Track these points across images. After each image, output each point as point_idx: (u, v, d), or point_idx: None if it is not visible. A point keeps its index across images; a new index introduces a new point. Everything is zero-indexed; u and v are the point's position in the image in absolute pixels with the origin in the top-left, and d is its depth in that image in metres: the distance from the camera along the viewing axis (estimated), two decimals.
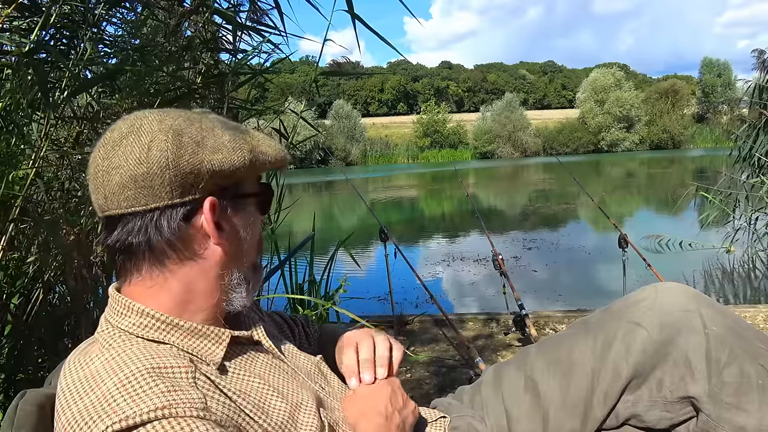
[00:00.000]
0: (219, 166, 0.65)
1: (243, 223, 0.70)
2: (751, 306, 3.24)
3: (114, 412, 0.55)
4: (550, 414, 0.86)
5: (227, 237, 0.68)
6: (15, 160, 1.50)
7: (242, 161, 0.66)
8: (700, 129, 46.14)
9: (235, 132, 0.68)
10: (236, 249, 0.70)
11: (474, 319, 3.12)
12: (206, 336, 0.68)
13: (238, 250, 0.70)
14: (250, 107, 2.63)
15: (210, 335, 0.69)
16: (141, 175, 0.62)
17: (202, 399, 0.60)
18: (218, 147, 0.65)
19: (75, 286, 1.76)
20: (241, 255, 0.71)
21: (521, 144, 42.76)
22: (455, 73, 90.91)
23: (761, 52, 6.52)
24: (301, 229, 5.69)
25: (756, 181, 5.61)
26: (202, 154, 0.64)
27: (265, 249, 3.02)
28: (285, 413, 0.68)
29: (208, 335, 0.68)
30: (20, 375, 1.66)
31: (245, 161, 0.67)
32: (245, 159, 0.67)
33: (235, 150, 0.66)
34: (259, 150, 0.69)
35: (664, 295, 0.86)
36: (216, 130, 0.67)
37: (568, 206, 11.27)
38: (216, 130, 0.67)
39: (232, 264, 0.70)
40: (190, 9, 2.04)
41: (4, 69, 1.58)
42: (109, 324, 0.68)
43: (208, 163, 0.64)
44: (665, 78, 63.63)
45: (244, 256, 0.72)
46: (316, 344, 1.01)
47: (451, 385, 2.30)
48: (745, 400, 0.76)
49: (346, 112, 47.52)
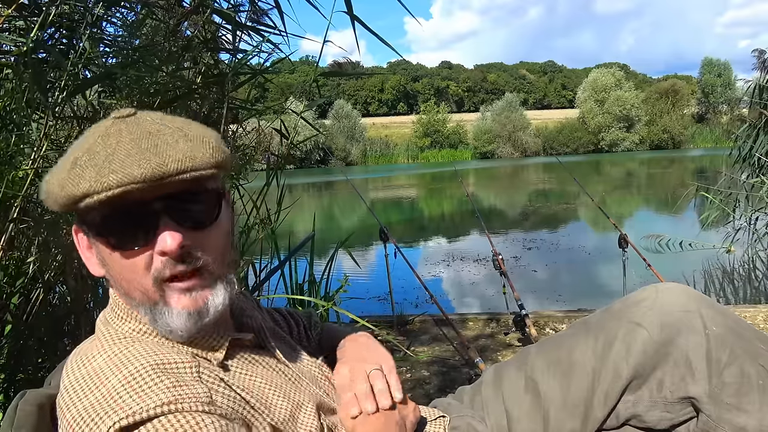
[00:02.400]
0: (54, 200, 0.62)
1: (99, 254, 0.66)
2: (751, 306, 3.24)
3: (120, 408, 0.55)
4: (551, 414, 0.86)
5: (98, 264, 0.67)
6: (15, 160, 1.50)
7: (60, 201, 0.61)
8: (700, 129, 46.11)
9: (74, 165, 0.61)
10: (110, 276, 0.66)
11: (474, 319, 3.12)
12: (206, 340, 0.68)
13: (112, 278, 0.66)
14: (250, 107, 2.63)
15: (209, 339, 0.68)
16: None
17: (208, 393, 0.60)
18: (57, 181, 0.62)
19: (75, 286, 1.76)
20: (117, 284, 0.66)
21: (521, 144, 42.73)
22: (455, 73, 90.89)
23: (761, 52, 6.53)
24: (301, 229, 5.69)
25: (756, 181, 5.61)
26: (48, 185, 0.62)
27: (265, 249, 3.03)
28: (286, 411, 0.68)
29: (207, 339, 0.68)
30: (20, 375, 1.65)
31: (59, 202, 0.61)
32: (58, 199, 0.61)
33: (61, 186, 0.61)
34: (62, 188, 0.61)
35: (665, 295, 0.86)
36: (69, 159, 0.62)
37: (568, 206, 11.27)
38: (71, 158, 0.62)
39: (119, 291, 0.67)
40: (190, 9, 2.04)
41: (3, 69, 1.58)
42: (109, 325, 0.68)
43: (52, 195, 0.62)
44: (665, 78, 63.61)
45: (119, 286, 0.66)
46: (317, 347, 1.00)
47: (451, 385, 2.30)
48: (745, 401, 0.76)
49: (346, 112, 47.47)
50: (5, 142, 1.47)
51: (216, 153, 0.64)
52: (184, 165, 0.60)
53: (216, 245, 0.66)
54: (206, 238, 0.65)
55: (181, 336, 0.65)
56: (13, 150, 1.49)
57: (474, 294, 4.96)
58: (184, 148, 0.61)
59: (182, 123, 0.66)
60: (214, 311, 0.65)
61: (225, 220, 0.69)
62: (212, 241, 0.66)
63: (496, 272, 2.84)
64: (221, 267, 0.66)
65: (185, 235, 0.62)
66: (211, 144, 0.64)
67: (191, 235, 0.63)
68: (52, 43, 1.72)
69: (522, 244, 7.07)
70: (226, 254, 0.68)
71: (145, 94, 1.85)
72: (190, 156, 0.61)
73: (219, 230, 0.67)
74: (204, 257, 0.64)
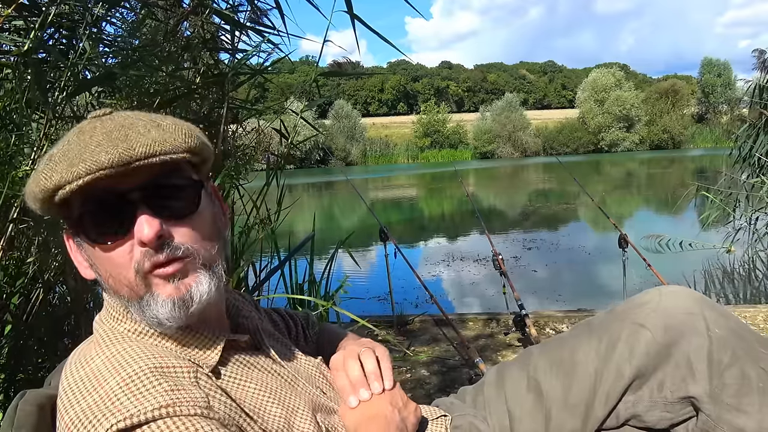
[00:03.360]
0: (33, 198, 0.62)
1: (86, 255, 0.66)
2: (751, 306, 3.24)
3: (118, 410, 0.55)
4: (552, 413, 0.86)
5: (87, 266, 0.67)
6: (15, 160, 1.50)
7: (38, 197, 0.61)
8: (700, 129, 46.12)
9: (48, 159, 0.62)
10: (99, 275, 0.66)
11: (474, 319, 3.12)
12: (200, 341, 0.68)
13: (100, 278, 0.66)
14: (250, 107, 2.63)
15: (204, 340, 0.68)
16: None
17: (205, 398, 0.60)
18: (33, 178, 0.62)
19: (75, 286, 1.76)
20: (105, 283, 0.66)
21: (521, 144, 42.73)
22: (455, 73, 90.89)
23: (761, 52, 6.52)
24: (301, 229, 5.69)
25: (756, 181, 5.61)
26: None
27: (265, 249, 3.03)
28: (281, 419, 0.67)
29: (201, 340, 0.68)
30: (20, 375, 1.65)
31: (37, 198, 0.61)
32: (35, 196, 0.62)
33: (36, 182, 0.61)
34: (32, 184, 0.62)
35: (668, 297, 0.86)
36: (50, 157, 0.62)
37: (568, 206, 11.27)
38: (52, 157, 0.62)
39: (108, 291, 0.67)
40: (189, 9, 2.04)
41: (3, 69, 1.58)
42: (106, 326, 0.68)
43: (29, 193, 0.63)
44: (665, 78, 63.58)
45: (107, 285, 0.66)
46: (314, 345, 1.00)
47: (452, 384, 2.30)
48: (745, 402, 0.76)
49: (346, 112, 47.48)
50: (5, 142, 1.47)
51: (188, 138, 0.64)
52: (153, 149, 0.60)
53: (197, 235, 0.66)
54: (186, 227, 0.65)
55: (170, 326, 0.64)
56: (13, 150, 1.49)
57: (474, 294, 4.96)
58: (155, 135, 0.61)
59: (158, 116, 0.66)
60: (198, 299, 0.64)
61: (207, 210, 0.69)
62: (193, 231, 0.65)
63: (496, 272, 2.84)
64: (205, 256, 0.66)
65: (164, 224, 0.62)
66: (183, 131, 0.64)
67: (171, 225, 0.63)
68: (52, 43, 1.72)
69: (522, 244, 7.07)
70: (210, 244, 0.67)
71: (145, 94, 1.86)
72: (160, 141, 0.61)
73: (201, 220, 0.67)
74: (184, 246, 0.64)
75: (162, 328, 0.65)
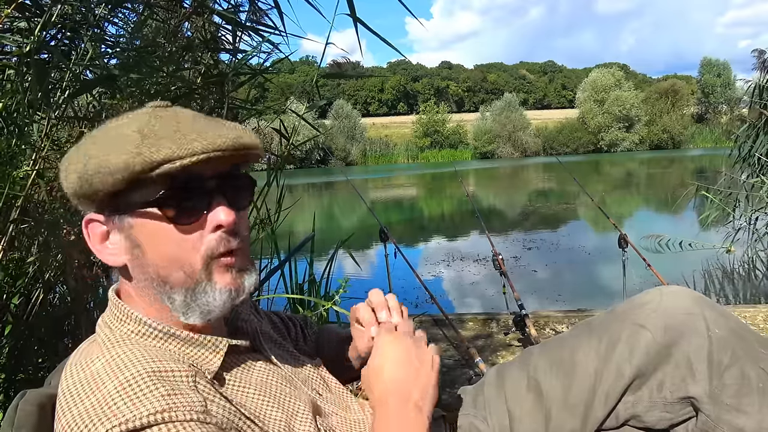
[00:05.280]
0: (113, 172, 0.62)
1: (129, 238, 0.65)
2: (751, 306, 3.24)
3: (114, 415, 0.55)
4: (552, 413, 0.86)
5: (123, 250, 0.66)
6: (16, 161, 1.50)
7: (131, 169, 0.60)
8: (700, 129, 46.14)
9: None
10: (138, 262, 0.65)
11: (474, 319, 3.12)
12: (203, 345, 0.68)
13: (138, 265, 0.65)
14: (250, 107, 2.63)
15: (207, 344, 0.68)
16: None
17: (203, 402, 0.60)
18: (122, 153, 0.62)
19: (75, 286, 1.76)
20: (144, 270, 0.65)
21: (521, 144, 42.75)
22: (455, 73, 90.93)
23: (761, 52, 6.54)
24: (301, 229, 5.69)
25: (756, 181, 5.61)
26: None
27: (265, 249, 3.03)
28: (282, 422, 0.67)
29: (205, 344, 0.68)
30: (20, 375, 1.65)
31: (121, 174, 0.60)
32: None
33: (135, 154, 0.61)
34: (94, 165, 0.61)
35: (669, 298, 0.86)
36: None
37: (568, 206, 11.27)
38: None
39: (141, 278, 0.66)
40: (191, 9, 2.04)
41: (5, 69, 1.58)
42: (109, 328, 0.68)
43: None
44: (665, 78, 63.65)
45: (145, 273, 0.65)
46: (314, 346, 1.00)
47: (451, 384, 2.30)
48: (745, 402, 0.76)
49: (346, 112, 47.52)
50: (6, 143, 1.47)
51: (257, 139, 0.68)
52: (254, 141, 0.65)
53: (247, 228, 0.69)
54: (242, 219, 0.68)
55: (213, 317, 0.66)
56: (14, 150, 1.49)
57: (474, 294, 4.96)
58: (242, 130, 0.65)
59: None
60: (246, 292, 0.67)
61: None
62: (245, 224, 0.69)
63: (496, 272, 2.84)
64: (248, 251, 0.69)
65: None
66: (249, 130, 0.68)
67: (236, 215, 0.66)
68: (55, 43, 1.72)
69: (522, 244, 7.08)
70: (248, 240, 0.71)
71: (146, 95, 1.86)
72: (252, 136, 0.66)
73: (246, 215, 0.71)
74: (242, 237, 0.67)
75: (202, 318, 0.66)
